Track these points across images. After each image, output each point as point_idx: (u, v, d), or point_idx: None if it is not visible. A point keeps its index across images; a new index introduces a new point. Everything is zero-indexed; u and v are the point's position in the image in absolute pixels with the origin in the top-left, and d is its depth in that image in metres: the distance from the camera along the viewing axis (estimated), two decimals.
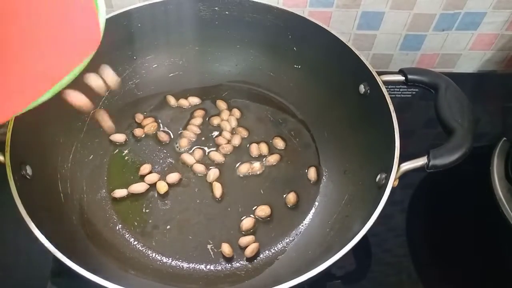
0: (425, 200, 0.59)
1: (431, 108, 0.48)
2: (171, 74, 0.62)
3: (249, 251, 0.49)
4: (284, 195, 0.54)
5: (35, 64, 0.24)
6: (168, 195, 0.53)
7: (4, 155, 0.42)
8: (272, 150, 0.57)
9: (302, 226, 0.52)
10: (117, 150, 0.56)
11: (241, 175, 0.55)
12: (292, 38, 0.58)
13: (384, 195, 0.42)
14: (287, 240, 0.51)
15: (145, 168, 0.54)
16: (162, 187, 0.53)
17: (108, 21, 0.52)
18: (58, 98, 0.50)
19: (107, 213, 0.51)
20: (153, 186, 0.54)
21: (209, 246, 0.50)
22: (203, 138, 0.58)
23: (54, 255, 0.38)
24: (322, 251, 0.46)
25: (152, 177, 0.54)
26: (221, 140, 0.58)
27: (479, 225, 0.56)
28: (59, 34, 0.25)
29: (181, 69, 0.62)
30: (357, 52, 0.51)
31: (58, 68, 0.25)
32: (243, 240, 0.50)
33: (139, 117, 0.59)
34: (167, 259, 0.49)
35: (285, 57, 0.60)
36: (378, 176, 0.46)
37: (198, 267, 0.49)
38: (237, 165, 0.56)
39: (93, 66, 0.34)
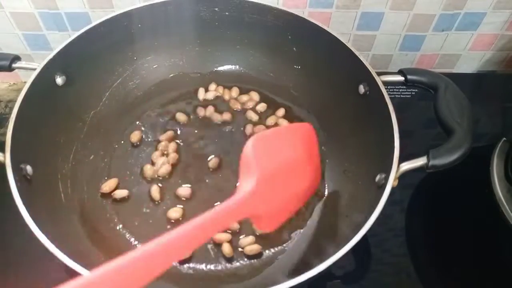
0: (425, 200, 0.59)
1: (430, 108, 0.48)
2: (172, 75, 0.62)
3: (249, 251, 0.49)
4: None
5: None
6: (168, 195, 0.53)
7: (4, 155, 0.42)
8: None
9: (302, 226, 0.52)
10: (118, 150, 0.56)
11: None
12: (292, 39, 0.58)
13: (384, 195, 0.42)
14: (287, 240, 0.51)
15: (146, 168, 0.54)
16: (162, 187, 0.53)
17: (109, 21, 0.53)
18: (58, 98, 0.50)
19: (107, 213, 0.51)
20: (153, 186, 0.54)
21: (209, 246, 0.50)
22: (203, 136, 0.58)
23: (54, 255, 0.38)
24: (322, 251, 0.46)
25: (153, 177, 0.54)
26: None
27: (479, 225, 0.56)
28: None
29: (181, 70, 0.62)
30: (356, 53, 0.51)
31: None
32: (243, 240, 0.50)
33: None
34: None
35: (285, 57, 0.60)
36: (378, 176, 0.46)
37: (198, 267, 0.49)
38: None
39: None
